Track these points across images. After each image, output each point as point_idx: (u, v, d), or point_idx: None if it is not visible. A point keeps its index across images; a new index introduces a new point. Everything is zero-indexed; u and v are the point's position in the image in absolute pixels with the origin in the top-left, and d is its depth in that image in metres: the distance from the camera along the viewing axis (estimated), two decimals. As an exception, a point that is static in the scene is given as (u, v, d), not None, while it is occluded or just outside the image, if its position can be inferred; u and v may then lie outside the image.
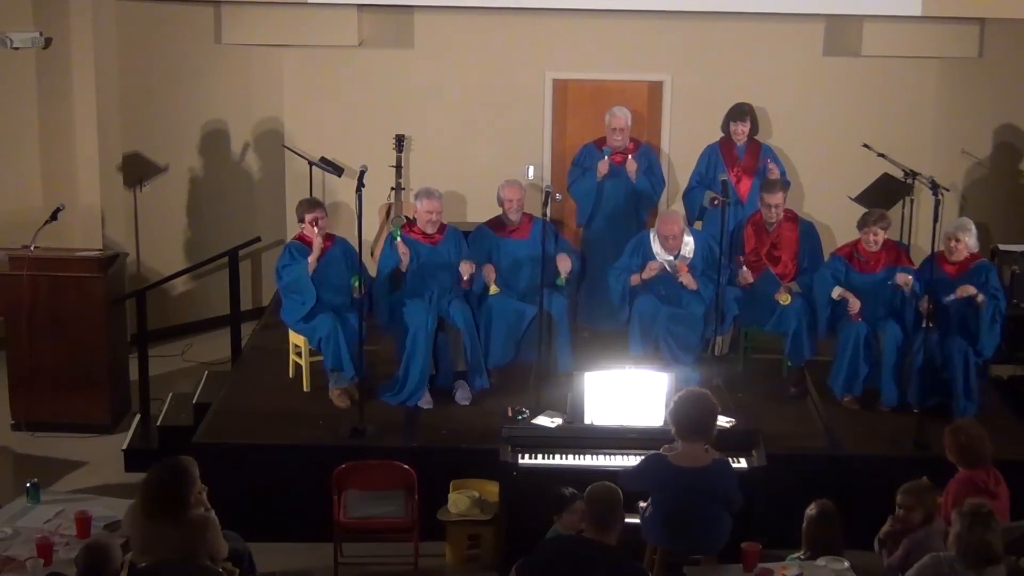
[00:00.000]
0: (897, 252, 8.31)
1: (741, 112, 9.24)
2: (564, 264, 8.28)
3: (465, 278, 8.17)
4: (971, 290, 7.81)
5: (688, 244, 8.39)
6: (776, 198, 8.50)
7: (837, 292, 8.17)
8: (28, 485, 6.63)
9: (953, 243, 7.99)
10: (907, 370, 8.01)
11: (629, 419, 7.24)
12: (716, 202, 8.42)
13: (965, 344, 7.83)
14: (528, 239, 8.51)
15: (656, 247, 8.38)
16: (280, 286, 8.32)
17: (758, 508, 6.84)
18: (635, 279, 8.35)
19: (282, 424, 7.92)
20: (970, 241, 8.01)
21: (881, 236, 8.21)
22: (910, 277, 7.94)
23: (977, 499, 5.65)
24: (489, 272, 8.33)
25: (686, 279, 8.28)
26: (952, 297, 7.81)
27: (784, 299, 8.36)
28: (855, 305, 8.08)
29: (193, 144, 10.64)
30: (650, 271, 8.30)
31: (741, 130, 9.22)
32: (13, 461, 8.53)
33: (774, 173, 9.06)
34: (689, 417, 6.36)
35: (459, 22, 10.66)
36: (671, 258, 8.33)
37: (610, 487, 5.70)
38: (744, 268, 8.51)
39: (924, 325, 7.70)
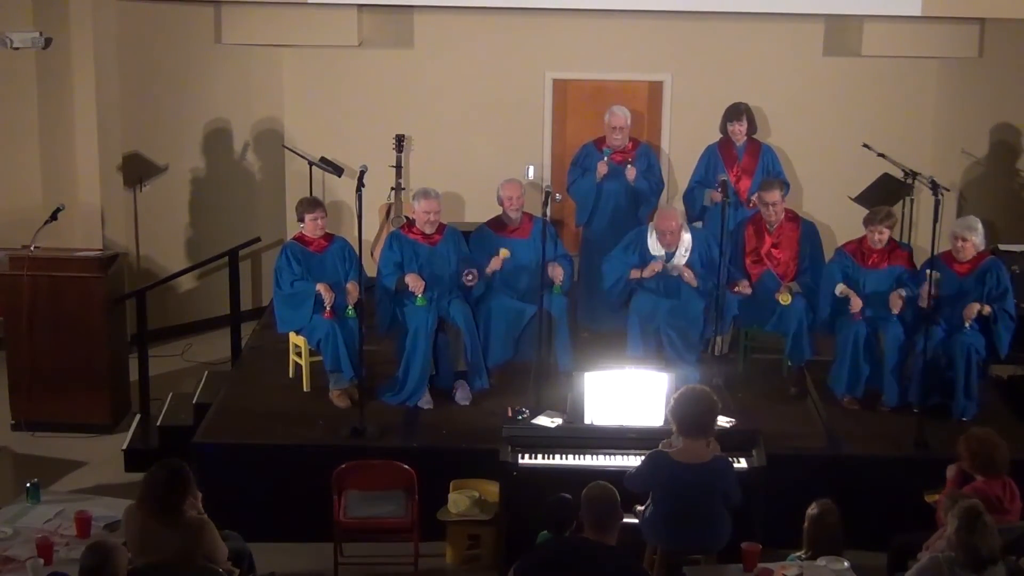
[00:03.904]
0: (901, 252, 8.30)
1: (737, 112, 9.24)
2: (556, 273, 8.27)
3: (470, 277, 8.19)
4: (974, 310, 7.81)
5: (686, 242, 8.39)
6: (773, 196, 8.50)
7: (840, 289, 8.17)
8: (28, 485, 6.62)
9: (960, 243, 7.98)
10: (909, 370, 8.02)
11: (629, 419, 7.24)
12: (718, 188, 8.48)
13: (969, 343, 7.83)
14: (528, 239, 8.51)
15: (652, 242, 8.39)
16: (279, 294, 8.25)
17: (758, 508, 6.85)
18: (635, 274, 8.34)
19: (282, 424, 7.92)
20: (977, 240, 8.01)
21: (887, 234, 8.21)
22: (902, 298, 7.92)
23: (970, 500, 5.64)
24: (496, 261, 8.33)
25: (687, 275, 8.29)
26: (967, 326, 7.82)
27: (784, 299, 8.36)
28: (857, 304, 8.08)
29: (193, 144, 10.65)
30: (651, 271, 8.30)
31: (739, 130, 9.22)
32: (13, 461, 8.53)
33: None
34: (690, 414, 6.37)
35: (459, 22, 10.66)
36: (667, 253, 8.34)
37: (607, 487, 5.69)
38: (742, 282, 8.51)
39: (925, 322, 7.70)
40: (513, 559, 5.77)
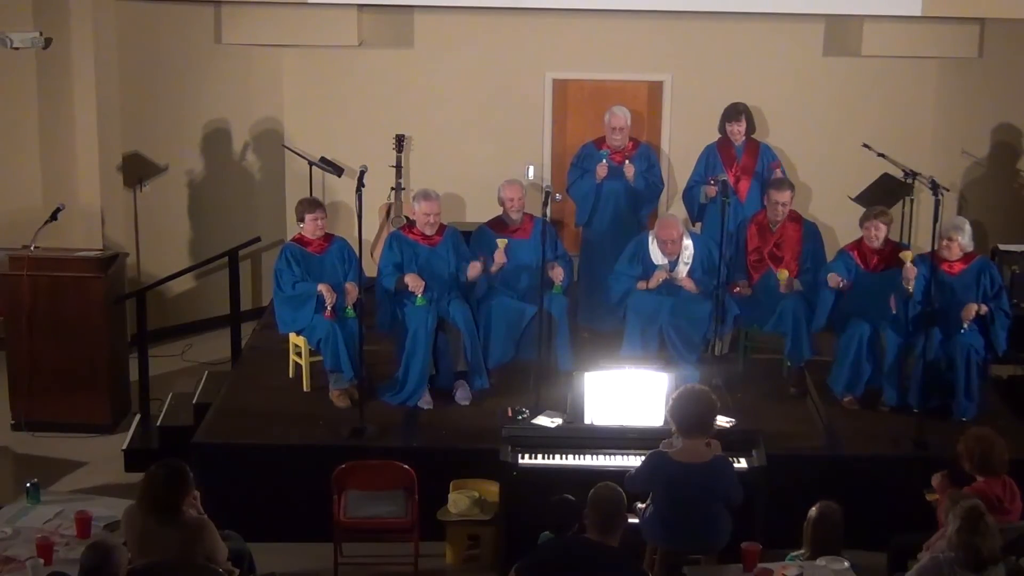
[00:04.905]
0: (900, 252, 8.29)
1: (736, 112, 9.25)
2: (557, 274, 8.28)
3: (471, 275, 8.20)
4: (972, 311, 7.83)
5: (688, 249, 8.39)
6: (784, 196, 8.52)
7: (832, 278, 8.15)
8: (28, 485, 6.62)
9: (946, 242, 8.00)
10: (908, 370, 8.02)
11: (629, 419, 7.24)
12: (711, 183, 8.57)
13: (968, 343, 7.84)
14: (529, 239, 8.51)
15: (654, 251, 8.38)
16: (281, 295, 8.24)
17: (758, 508, 6.85)
18: (641, 285, 8.35)
19: (282, 424, 7.92)
20: (963, 240, 8.02)
21: (883, 231, 8.22)
22: (913, 273, 7.89)
23: (971, 500, 5.64)
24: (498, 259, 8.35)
25: (687, 283, 8.30)
26: (966, 327, 7.84)
27: (783, 275, 8.34)
28: (834, 279, 8.07)
29: (193, 144, 10.64)
30: (656, 281, 8.30)
31: (737, 130, 9.23)
32: (13, 461, 8.53)
33: (778, 175, 9.09)
34: (689, 414, 6.37)
35: (459, 22, 10.66)
36: (669, 262, 8.34)
37: (615, 488, 5.69)
38: (742, 283, 8.51)
39: (924, 322, 7.70)
40: (513, 559, 5.77)
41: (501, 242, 8.30)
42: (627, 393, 7.27)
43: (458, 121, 10.81)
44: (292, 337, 8.46)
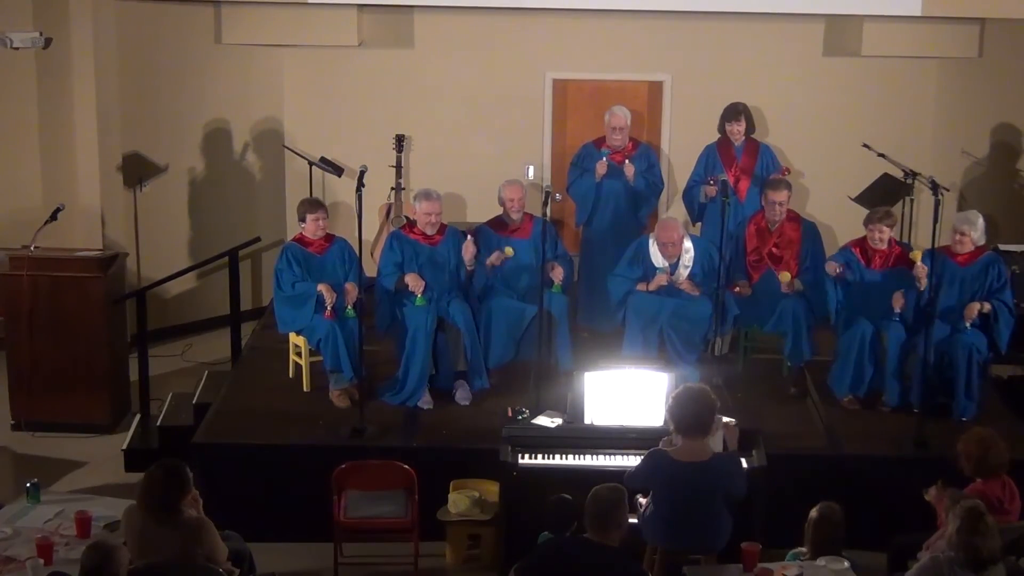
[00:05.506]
0: (902, 252, 8.30)
1: (735, 112, 9.25)
2: (557, 273, 8.28)
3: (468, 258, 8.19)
4: (975, 310, 7.84)
5: (688, 252, 8.38)
6: (781, 195, 8.52)
7: (830, 267, 8.15)
8: (28, 485, 6.63)
9: (958, 236, 8.03)
10: (909, 369, 8.02)
11: (629, 419, 7.24)
12: (711, 183, 8.58)
13: (969, 343, 7.84)
14: (529, 239, 8.52)
15: (655, 253, 8.38)
16: (281, 295, 8.25)
17: (758, 508, 6.85)
18: (641, 287, 8.35)
19: (282, 424, 7.92)
20: (975, 235, 8.04)
21: (887, 233, 8.22)
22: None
23: (972, 500, 5.64)
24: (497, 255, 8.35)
25: (687, 286, 8.30)
26: (966, 326, 7.86)
27: (785, 277, 8.34)
28: (832, 267, 8.10)
29: (193, 144, 10.65)
30: (657, 284, 8.30)
31: (737, 130, 9.23)
32: (13, 461, 8.53)
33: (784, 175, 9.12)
34: (688, 413, 6.36)
35: (459, 22, 10.66)
36: (669, 264, 8.33)
37: (614, 488, 5.69)
38: (742, 282, 8.52)
39: (926, 319, 7.70)
40: (513, 559, 5.78)
41: (508, 250, 8.30)
42: (627, 393, 7.27)
43: (458, 121, 10.81)
44: (292, 337, 8.46)
